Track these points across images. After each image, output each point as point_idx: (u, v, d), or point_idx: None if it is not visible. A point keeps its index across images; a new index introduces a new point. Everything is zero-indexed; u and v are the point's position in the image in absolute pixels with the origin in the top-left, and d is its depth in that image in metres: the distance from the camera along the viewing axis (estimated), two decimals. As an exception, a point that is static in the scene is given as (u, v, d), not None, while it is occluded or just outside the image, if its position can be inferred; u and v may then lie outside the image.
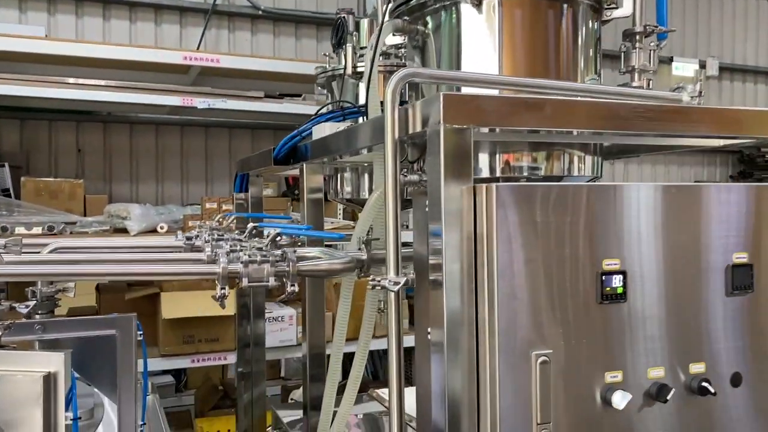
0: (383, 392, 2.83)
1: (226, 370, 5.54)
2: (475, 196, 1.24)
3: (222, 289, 1.44)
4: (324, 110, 2.19)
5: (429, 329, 1.31)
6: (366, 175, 2.56)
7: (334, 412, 1.95)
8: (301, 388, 2.88)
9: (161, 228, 4.08)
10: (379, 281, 1.34)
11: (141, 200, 5.40)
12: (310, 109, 4.93)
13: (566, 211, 1.25)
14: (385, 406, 2.68)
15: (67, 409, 1.38)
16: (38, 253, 1.62)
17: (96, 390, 1.96)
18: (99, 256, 1.53)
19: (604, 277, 1.26)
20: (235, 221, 2.07)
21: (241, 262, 1.46)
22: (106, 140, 5.60)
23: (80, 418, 1.48)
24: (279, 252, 1.52)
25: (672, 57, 7.06)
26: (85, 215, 4.37)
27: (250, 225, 1.65)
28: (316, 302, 2.08)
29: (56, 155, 5.45)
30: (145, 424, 1.82)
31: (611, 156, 1.96)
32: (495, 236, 1.20)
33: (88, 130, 5.53)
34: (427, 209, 1.47)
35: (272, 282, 1.49)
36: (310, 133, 2.18)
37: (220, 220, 2.12)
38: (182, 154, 5.90)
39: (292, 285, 1.51)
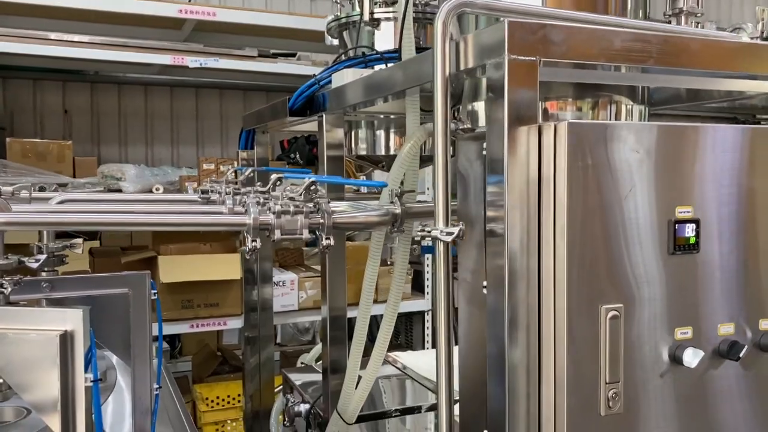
0: (396, 355, 2.76)
1: (221, 336, 5.45)
2: (541, 136, 1.13)
3: (253, 241, 1.33)
4: (343, 58, 2.05)
5: (485, 283, 1.21)
6: (382, 131, 2.44)
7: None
8: (311, 351, 2.79)
9: (156, 189, 3.93)
10: (429, 231, 1.23)
11: (131, 163, 5.25)
12: (305, 70, 4.78)
13: (639, 153, 1.14)
14: (399, 368, 2.60)
15: (86, 371, 1.27)
16: (45, 203, 1.49)
17: (108, 353, 1.85)
18: (113, 207, 1.40)
19: (676, 226, 1.16)
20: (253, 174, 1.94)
21: (273, 213, 1.35)
22: (93, 101, 5.42)
23: (101, 379, 1.37)
24: (312, 203, 1.40)
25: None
26: (74, 178, 4.21)
27: (274, 176, 1.53)
28: (337, 262, 1.97)
29: (42, 116, 5.26)
30: (160, 387, 1.71)
31: (653, 106, 1.85)
32: (564, 180, 1.10)
33: (74, 90, 5.34)
34: (469, 157, 1.36)
35: (306, 235, 1.38)
36: (329, 82, 2.05)
37: (234, 174, 1.99)
38: (172, 115, 5.75)
39: (327, 238, 1.40)
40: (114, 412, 1.91)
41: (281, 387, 2.98)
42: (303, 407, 2.36)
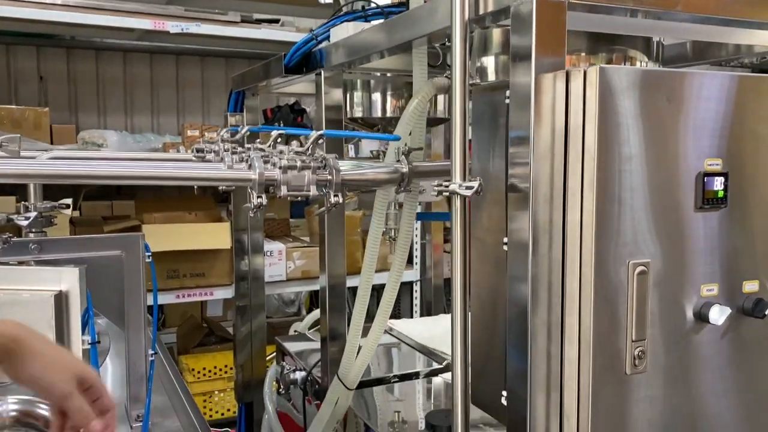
0: (391, 323, 2.71)
1: (205, 308, 5.38)
2: (569, 83, 1.07)
3: (259, 197, 1.26)
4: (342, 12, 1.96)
5: (505, 240, 1.16)
6: (378, 93, 2.37)
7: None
8: (304, 320, 2.74)
9: (140, 156, 3.81)
10: (447, 186, 1.17)
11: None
12: (290, 36, 4.66)
13: (671, 102, 1.09)
14: (394, 336, 2.56)
15: (83, 333, 1.21)
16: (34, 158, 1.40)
17: (98, 319, 1.78)
18: (107, 162, 1.32)
19: (705, 179, 1.11)
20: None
21: (279, 168, 1.28)
22: (70, 67, 5.24)
23: (99, 342, 1.30)
24: (320, 159, 1.33)
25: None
26: (52, 145, 4.07)
27: (275, 132, 1.45)
28: (336, 228, 1.91)
29: (16, 83, 5.08)
30: (156, 353, 1.65)
31: (665, 65, 1.80)
32: (594, 129, 1.04)
33: (50, 55, 5.15)
34: (487, 109, 1.30)
35: (313, 191, 1.31)
36: (326, 38, 1.97)
37: (230, 133, 1.90)
38: (152, 83, 5.60)
39: (336, 195, 1.33)
40: (106, 378, 1.85)
41: (273, 355, 2.94)
42: (299, 375, 2.31)
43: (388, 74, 2.26)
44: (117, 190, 5.36)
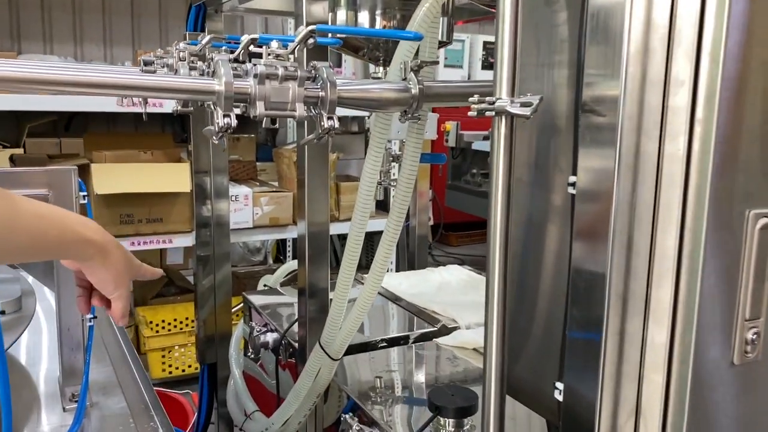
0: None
1: (165, 255, 5.02)
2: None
3: (226, 116, 0.91)
4: None
5: (572, 180, 0.84)
6: (366, 12, 2.00)
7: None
8: (276, 273, 2.42)
9: (87, 87, 3.37)
10: (492, 103, 0.84)
11: (58, 60, 4.64)
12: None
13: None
14: (380, 293, 2.26)
15: None
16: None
17: (24, 274, 1.43)
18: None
19: None
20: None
21: (254, 76, 0.93)
22: (11, -11, 4.75)
23: (3, 312, 0.97)
24: (308, 68, 0.99)
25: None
26: (-11, 71, 3.60)
27: (246, 37, 1.09)
28: (319, 166, 1.57)
29: (-52, 4, 4.58)
30: (95, 317, 1.31)
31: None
32: (722, 20, 0.72)
33: (-12, -25, 4.65)
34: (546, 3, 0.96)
35: (300, 110, 0.97)
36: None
37: (184, 48, 1.52)
38: (104, 10, 5.13)
39: (330, 118, 0.99)
40: (32, 347, 1.52)
41: (237, 309, 2.63)
42: (270, 337, 2.00)
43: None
44: (65, 126, 4.90)
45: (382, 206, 4.53)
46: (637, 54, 0.76)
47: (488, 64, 7.05)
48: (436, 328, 1.95)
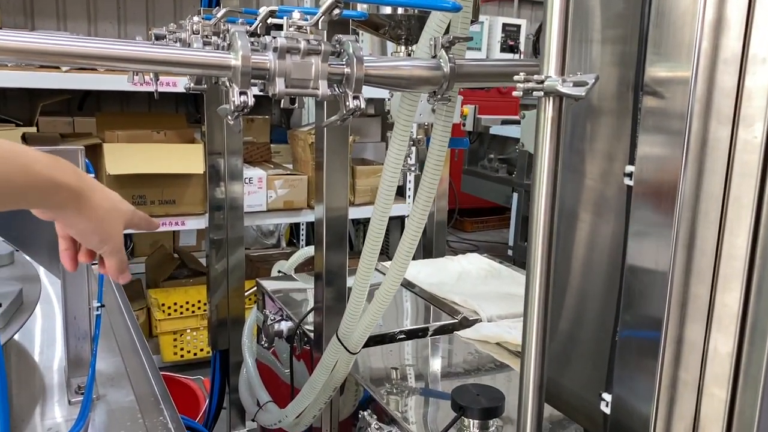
0: (385, 265, 2.33)
1: (177, 237, 4.97)
2: None
3: (242, 93, 0.83)
4: None
5: (629, 170, 0.75)
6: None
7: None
8: (290, 259, 2.35)
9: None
10: (541, 82, 0.75)
11: (71, 37, 4.57)
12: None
13: None
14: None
15: None
16: None
17: (27, 258, 1.36)
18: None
19: None
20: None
21: (274, 50, 0.84)
22: (26, -33, 4.69)
23: None
24: (333, 42, 0.90)
25: None
26: (1, 48, 3.53)
27: (264, 9, 1.01)
28: (339, 149, 1.49)
29: (-37, -17, 4.51)
30: (103, 305, 1.25)
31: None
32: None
33: (2, -48, 4.58)
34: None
35: (323, 89, 0.88)
36: None
37: (198, 22, 1.44)
38: (119, -13, 5.07)
39: (356, 97, 0.91)
40: (47, 334, 1.46)
41: (250, 292, 2.56)
42: (285, 325, 1.93)
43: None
44: (79, 105, 4.84)
45: (399, 191, 4.45)
46: (710, 28, 0.67)
47: (507, 47, 6.91)
48: (456, 320, 1.87)
